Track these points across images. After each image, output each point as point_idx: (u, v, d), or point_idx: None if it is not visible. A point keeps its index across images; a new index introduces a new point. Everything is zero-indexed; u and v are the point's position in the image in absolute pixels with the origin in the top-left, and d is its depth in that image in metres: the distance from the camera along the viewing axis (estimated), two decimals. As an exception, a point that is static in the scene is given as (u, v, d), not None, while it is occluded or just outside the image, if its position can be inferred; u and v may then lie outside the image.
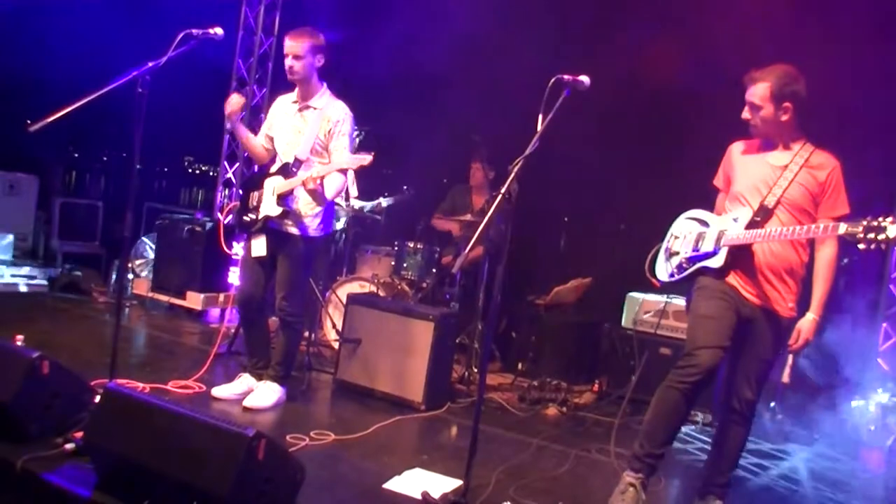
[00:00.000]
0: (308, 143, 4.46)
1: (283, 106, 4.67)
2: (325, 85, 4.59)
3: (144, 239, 7.91)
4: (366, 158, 4.19)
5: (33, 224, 8.80)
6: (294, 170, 4.46)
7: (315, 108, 4.51)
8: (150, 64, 3.74)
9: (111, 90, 3.70)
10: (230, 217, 6.31)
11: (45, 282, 7.63)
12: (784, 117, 3.47)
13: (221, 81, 8.16)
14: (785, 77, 3.44)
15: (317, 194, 4.44)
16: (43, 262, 8.28)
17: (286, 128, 4.60)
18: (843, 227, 3.07)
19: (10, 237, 8.21)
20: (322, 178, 4.35)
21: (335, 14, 8.71)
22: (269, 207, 4.50)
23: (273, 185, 4.51)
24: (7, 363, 3.40)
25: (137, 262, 7.80)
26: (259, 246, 4.54)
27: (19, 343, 4.24)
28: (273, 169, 4.58)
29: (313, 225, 4.53)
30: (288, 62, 4.43)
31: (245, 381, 4.71)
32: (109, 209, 9.23)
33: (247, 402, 4.54)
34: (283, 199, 4.46)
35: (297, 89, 4.59)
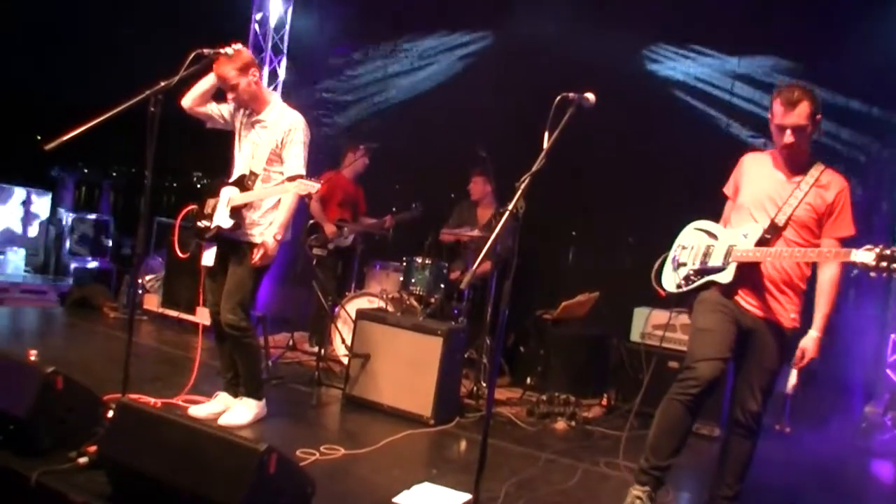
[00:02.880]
0: (263, 156, 4.40)
1: (240, 120, 4.57)
2: (275, 96, 4.56)
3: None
4: (314, 186, 4.17)
5: (45, 240, 8.88)
6: (249, 183, 4.41)
7: (266, 121, 4.45)
8: (163, 83, 3.79)
9: (124, 109, 3.75)
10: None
11: (56, 297, 7.70)
12: (816, 132, 3.50)
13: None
14: (815, 93, 3.45)
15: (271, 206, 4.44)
16: (54, 278, 8.34)
17: (244, 140, 4.53)
18: (854, 255, 3.09)
19: (23, 252, 8.29)
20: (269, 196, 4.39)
21: (343, 32, 8.81)
22: (221, 218, 4.42)
23: (228, 196, 4.44)
24: (22, 378, 3.44)
25: (147, 277, 7.85)
26: (209, 256, 4.48)
27: (33, 358, 4.28)
28: (231, 179, 4.51)
29: (266, 233, 4.39)
30: (229, 96, 4.38)
31: (222, 399, 4.63)
32: (119, 225, 9.31)
33: (222, 421, 4.39)
34: (237, 211, 4.40)
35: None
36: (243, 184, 4.43)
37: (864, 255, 3.05)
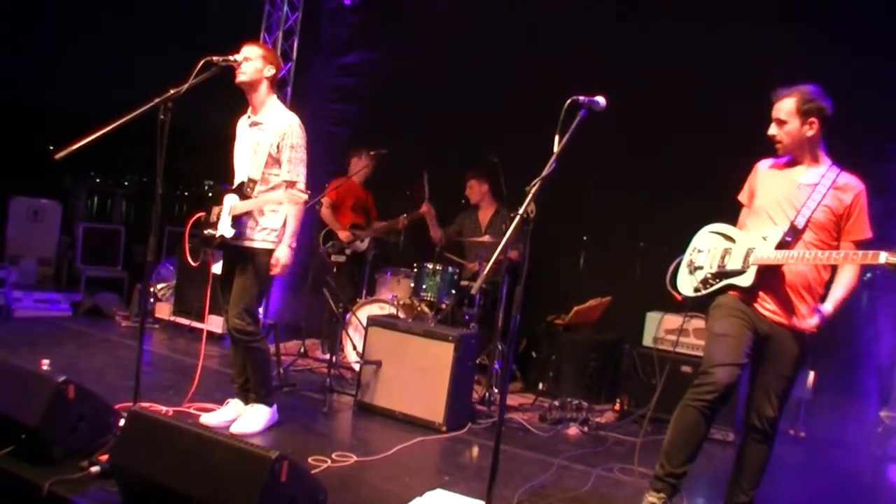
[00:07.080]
0: (261, 160, 4.40)
1: (241, 125, 4.59)
2: (274, 98, 4.54)
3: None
4: (301, 196, 4.20)
5: (56, 249, 8.91)
6: (248, 190, 4.41)
7: (263, 123, 4.45)
8: (172, 91, 3.80)
9: (134, 117, 3.75)
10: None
11: (68, 306, 7.71)
12: (809, 132, 3.49)
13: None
14: (811, 93, 3.49)
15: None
16: (66, 287, 8.37)
17: (243, 145, 4.55)
18: (883, 256, 3.07)
19: (35, 262, 8.32)
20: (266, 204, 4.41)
21: (352, 38, 8.82)
22: (224, 227, 4.43)
23: (230, 204, 4.45)
24: (34, 387, 3.45)
25: (159, 285, 7.86)
26: (220, 264, 4.52)
27: (45, 367, 4.30)
28: (232, 186, 4.53)
29: (270, 237, 4.41)
30: (239, 64, 4.34)
31: (234, 406, 4.62)
32: (131, 233, 9.34)
33: (234, 429, 4.39)
34: (238, 220, 4.41)
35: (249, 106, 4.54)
36: (242, 191, 4.44)
37: (894, 258, 3.02)
